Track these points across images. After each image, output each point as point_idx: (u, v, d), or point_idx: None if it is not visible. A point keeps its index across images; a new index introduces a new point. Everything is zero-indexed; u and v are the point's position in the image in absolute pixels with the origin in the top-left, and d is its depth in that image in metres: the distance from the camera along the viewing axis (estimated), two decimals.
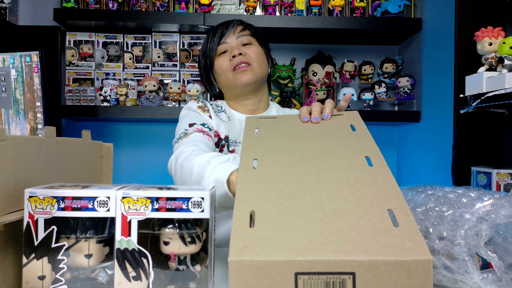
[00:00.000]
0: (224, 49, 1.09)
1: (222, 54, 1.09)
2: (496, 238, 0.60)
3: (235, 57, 1.06)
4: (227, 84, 1.11)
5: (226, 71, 1.08)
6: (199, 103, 1.12)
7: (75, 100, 1.77)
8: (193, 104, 1.11)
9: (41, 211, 0.52)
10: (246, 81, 1.06)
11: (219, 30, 1.10)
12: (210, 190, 0.54)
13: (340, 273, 0.38)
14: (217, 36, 1.10)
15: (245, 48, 1.09)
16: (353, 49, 2.01)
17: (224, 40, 1.09)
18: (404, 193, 0.75)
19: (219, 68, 1.09)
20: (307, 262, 0.39)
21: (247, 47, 1.09)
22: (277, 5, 1.80)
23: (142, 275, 0.52)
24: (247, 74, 1.06)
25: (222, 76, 1.10)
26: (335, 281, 0.39)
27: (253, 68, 1.07)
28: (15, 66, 1.49)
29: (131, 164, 1.96)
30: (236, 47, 1.08)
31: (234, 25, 1.11)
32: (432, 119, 1.70)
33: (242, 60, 1.06)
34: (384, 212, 0.43)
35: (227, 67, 1.07)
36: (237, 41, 1.09)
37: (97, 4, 1.79)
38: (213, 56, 1.10)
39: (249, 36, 1.11)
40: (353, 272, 0.38)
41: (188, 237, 0.53)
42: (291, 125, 0.71)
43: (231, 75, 1.07)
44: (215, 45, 1.09)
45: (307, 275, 0.39)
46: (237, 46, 1.08)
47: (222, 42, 1.09)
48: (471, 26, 1.30)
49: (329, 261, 0.39)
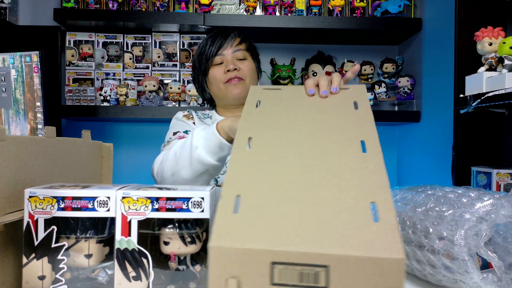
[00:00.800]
0: (220, 60, 1.15)
1: (218, 65, 1.15)
2: (496, 238, 0.60)
3: (229, 71, 1.12)
4: (218, 93, 1.17)
5: (219, 82, 1.14)
6: (185, 112, 1.20)
7: (75, 100, 1.77)
8: (179, 114, 1.20)
9: (41, 211, 0.52)
10: (237, 94, 1.13)
11: (217, 40, 1.15)
12: (210, 190, 0.54)
13: (314, 266, 0.40)
14: (215, 46, 1.15)
15: (239, 63, 1.15)
16: (353, 49, 2.01)
17: (221, 52, 1.14)
18: (404, 193, 0.75)
19: (213, 77, 1.15)
20: (283, 252, 0.40)
21: (241, 62, 1.15)
22: (277, 5, 1.80)
23: (142, 275, 0.52)
24: (238, 88, 1.13)
25: (215, 85, 1.16)
26: (309, 273, 0.40)
27: (245, 83, 1.14)
28: (15, 66, 1.49)
29: (131, 164, 1.95)
30: (231, 61, 1.14)
31: (232, 37, 1.16)
32: (432, 119, 1.70)
33: (236, 76, 1.12)
34: (366, 206, 0.44)
35: (221, 79, 1.13)
36: (233, 55, 1.15)
37: (97, 4, 1.79)
38: (209, 66, 1.15)
39: (244, 50, 1.17)
40: (326, 265, 0.40)
41: (188, 237, 0.53)
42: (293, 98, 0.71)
43: (223, 86, 1.13)
44: (212, 55, 1.15)
45: (282, 265, 0.40)
46: (232, 61, 1.14)
47: (219, 53, 1.14)
48: (471, 26, 1.30)
49: (304, 253, 0.40)
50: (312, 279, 0.40)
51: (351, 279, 0.39)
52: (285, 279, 0.41)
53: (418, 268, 0.65)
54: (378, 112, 1.85)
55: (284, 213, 0.45)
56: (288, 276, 0.41)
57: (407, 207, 0.68)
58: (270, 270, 0.41)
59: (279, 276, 0.41)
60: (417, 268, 0.65)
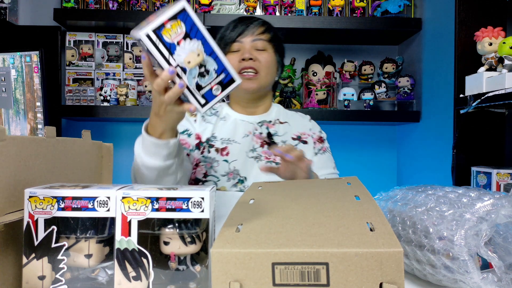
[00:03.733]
0: (237, 48, 1.08)
1: (234, 52, 1.09)
2: (496, 238, 0.60)
3: (244, 60, 1.06)
4: None
5: None
6: None
7: (75, 100, 1.77)
8: None
9: (41, 211, 0.52)
10: (248, 89, 1.07)
11: (239, 26, 1.09)
12: (210, 190, 0.54)
13: (314, 263, 0.41)
14: (236, 32, 1.08)
15: (257, 53, 1.08)
16: (353, 49, 2.01)
17: (239, 39, 1.08)
18: (404, 193, 0.75)
19: None
20: (283, 253, 0.41)
21: (259, 52, 1.08)
22: (277, 5, 1.80)
23: (142, 275, 0.52)
24: (251, 82, 1.06)
25: None
26: (310, 271, 0.41)
27: (259, 77, 1.07)
28: (15, 66, 1.49)
29: (131, 164, 1.95)
30: (248, 50, 1.07)
31: (255, 25, 1.09)
32: (432, 119, 1.70)
33: (251, 66, 1.05)
34: (363, 223, 0.46)
35: (235, 67, 1.05)
36: (252, 44, 1.08)
37: (97, 4, 1.79)
38: (226, 52, 1.09)
39: (266, 41, 1.09)
40: (326, 263, 0.40)
41: (188, 237, 0.53)
42: (289, 186, 0.75)
43: None
44: (230, 41, 1.08)
45: (283, 265, 0.41)
46: (249, 50, 1.07)
47: (237, 40, 1.08)
48: (471, 26, 1.31)
49: (304, 252, 0.41)
50: (313, 277, 0.41)
51: (351, 275, 0.40)
52: (286, 279, 0.41)
53: (418, 268, 0.65)
54: (378, 112, 1.85)
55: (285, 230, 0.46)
56: (289, 275, 0.41)
57: (407, 207, 0.68)
58: (271, 271, 0.41)
59: (280, 277, 0.41)
60: (417, 268, 0.65)
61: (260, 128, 1.13)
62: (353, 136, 2.04)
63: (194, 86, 0.63)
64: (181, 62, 0.61)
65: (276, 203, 0.58)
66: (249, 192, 0.68)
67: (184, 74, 0.62)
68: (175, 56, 0.61)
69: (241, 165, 1.06)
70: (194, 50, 0.61)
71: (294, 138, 1.14)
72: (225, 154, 1.07)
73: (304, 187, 0.69)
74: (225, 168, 1.06)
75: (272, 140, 1.12)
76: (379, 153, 2.05)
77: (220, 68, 0.63)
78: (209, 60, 0.62)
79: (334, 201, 0.56)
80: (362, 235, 0.42)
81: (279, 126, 1.15)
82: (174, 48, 0.61)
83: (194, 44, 0.61)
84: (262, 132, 1.12)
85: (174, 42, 0.60)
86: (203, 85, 0.63)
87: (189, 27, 0.60)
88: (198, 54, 0.61)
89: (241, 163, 1.06)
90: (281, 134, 1.14)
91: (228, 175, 1.05)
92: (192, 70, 0.62)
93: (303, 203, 0.57)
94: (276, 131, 1.14)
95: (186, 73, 0.62)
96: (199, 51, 0.62)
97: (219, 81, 0.64)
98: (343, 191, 0.61)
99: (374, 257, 0.39)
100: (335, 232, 0.44)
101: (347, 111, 1.77)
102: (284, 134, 1.14)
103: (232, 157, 1.07)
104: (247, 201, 0.61)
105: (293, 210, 0.53)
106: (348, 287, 0.40)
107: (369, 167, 2.03)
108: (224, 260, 0.42)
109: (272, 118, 1.16)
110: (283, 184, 0.74)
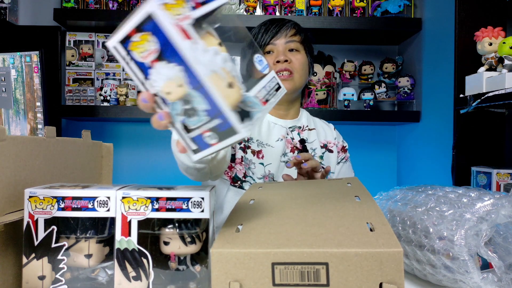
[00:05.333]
0: (271, 49, 1.09)
1: (267, 53, 1.09)
2: (496, 238, 0.60)
3: (279, 62, 1.06)
4: None
5: None
6: None
7: (75, 100, 1.77)
8: None
9: (41, 211, 0.52)
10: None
11: (272, 28, 1.09)
12: (210, 190, 0.54)
13: (314, 263, 0.41)
14: (269, 34, 1.08)
15: (291, 54, 1.08)
16: (353, 49, 2.01)
17: (273, 41, 1.08)
18: (404, 193, 0.75)
19: None
20: (283, 253, 0.41)
21: (293, 53, 1.09)
22: (277, 5, 1.80)
23: (142, 275, 0.52)
24: (286, 83, 1.06)
25: None
26: (310, 271, 0.41)
27: (294, 78, 1.07)
28: (15, 66, 1.49)
29: (131, 164, 1.95)
30: (282, 52, 1.07)
31: (288, 27, 1.10)
32: (432, 119, 1.70)
33: (286, 68, 1.06)
34: (363, 223, 0.46)
35: None
36: (285, 46, 1.08)
37: (97, 4, 1.79)
38: None
39: (298, 43, 1.10)
40: (326, 263, 0.40)
41: (188, 237, 0.53)
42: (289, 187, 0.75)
43: None
44: (264, 44, 1.09)
45: (283, 265, 0.41)
46: (283, 51, 1.08)
47: (271, 42, 1.08)
48: (471, 26, 1.30)
49: (303, 252, 0.41)
50: (313, 277, 0.41)
51: (351, 275, 0.40)
52: (286, 279, 0.41)
53: (418, 268, 0.65)
54: (378, 112, 1.85)
55: (285, 230, 0.47)
56: (289, 275, 0.41)
57: (408, 207, 0.68)
58: (271, 271, 0.41)
59: (280, 277, 0.41)
60: (417, 268, 0.65)
61: (291, 133, 1.13)
62: (353, 136, 2.04)
63: (180, 125, 0.45)
64: (159, 91, 0.43)
65: (276, 203, 0.58)
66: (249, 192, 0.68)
67: (166, 105, 0.44)
68: (151, 81, 0.43)
69: (275, 169, 1.07)
70: (172, 78, 0.41)
71: (321, 146, 1.15)
72: (261, 157, 1.08)
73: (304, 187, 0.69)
74: (261, 171, 1.07)
75: (304, 146, 1.12)
76: (379, 153, 2.05)
77: (214, 110, 0.41)
78: (195, 96, 0.41)
79: (334, 201, 0.56)
80: (362, 235, 0.43)
81: (309, 132, 1.16)
82: (147, 70, 0.42)
83: (172, 69, 0.41)
84: (293, 138, 1.13)
85: (145, 62, 0.42)
86: (191, 126, 0.44)
87: (163, 43, 0.40)
88: (181, 85, 0.42)
89: (275, 167, 1.07)
90: (310, 141, 1.15)
91: (264, 178, 1.07)
92: (174, 104, 0.43)
93: (303, 203, 0.57)
94: (307, 138, 1.15)
95: (169, 106, 0.44)
96: (180, 81, 0.41)
97: (212, 127, 0.43)
98: (343, 191, 0.61)
99: (374, 257, 0.39)
100: (335, 232, 0.44)
101: (347, 111, 1.77)
102: (313, 141, 1.15)
103: (267, 160, 1.08)
104: (247, 201, 0.61)
105: (293, 210, 0.53)
106: (348, 287, 0.40)
107: (369, 167, 2.03)
108: (224, 260, 0.42)
109: (302, 124, 1.17)
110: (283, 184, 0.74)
